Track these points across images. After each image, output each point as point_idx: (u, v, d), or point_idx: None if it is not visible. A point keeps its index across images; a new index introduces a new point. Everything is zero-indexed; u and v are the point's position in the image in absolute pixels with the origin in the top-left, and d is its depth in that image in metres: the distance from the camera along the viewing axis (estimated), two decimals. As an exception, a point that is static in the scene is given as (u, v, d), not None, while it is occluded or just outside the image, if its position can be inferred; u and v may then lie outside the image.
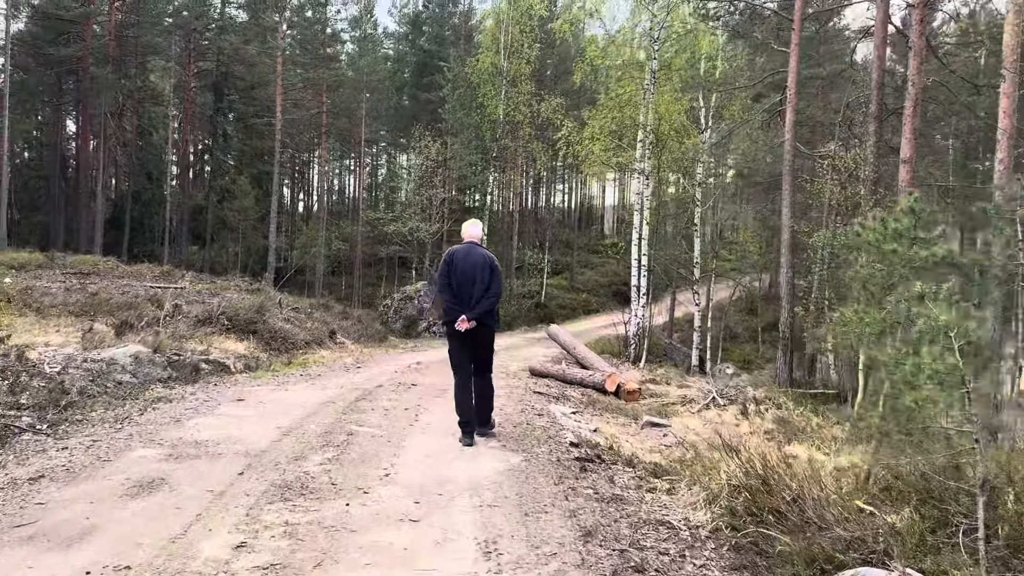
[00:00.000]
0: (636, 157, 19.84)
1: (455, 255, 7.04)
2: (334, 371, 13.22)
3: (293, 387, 10.28)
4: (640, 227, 19.76)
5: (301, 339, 17.53)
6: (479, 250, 7.13)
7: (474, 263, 6.93)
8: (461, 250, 7.10)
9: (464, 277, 6.88)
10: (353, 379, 11.66)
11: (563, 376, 12.72)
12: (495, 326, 7.24)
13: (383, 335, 23.03)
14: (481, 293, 6.85)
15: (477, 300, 6.83)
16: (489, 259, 7.07)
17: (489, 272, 6.91)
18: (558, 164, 45.63)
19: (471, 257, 6.99)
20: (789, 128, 13.51)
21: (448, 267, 6.99)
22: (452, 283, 6.93)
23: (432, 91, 39.92)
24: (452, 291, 6.92)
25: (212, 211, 40.48)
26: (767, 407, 11.63)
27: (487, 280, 6.89)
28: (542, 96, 32.76)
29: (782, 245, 13.48)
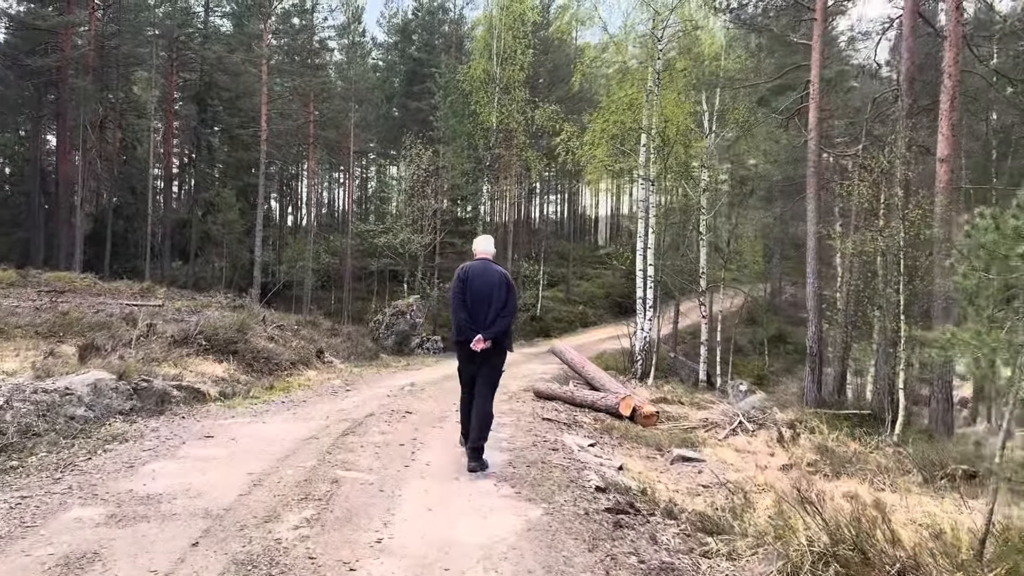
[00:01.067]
0: (640, 162, 18.81)
1: (469, 272, 6.77)
2: (320, 396, 12.06)
3: (272, 418, 9.12)
4: (645, 236, 18.70)
5: (286, 359, 16.39)
6: (494, 267, 6.86)
7: (490, 281, 6.69)
8: (475, 267, 6.82)
9: (479, 295, 6.65)
10: (341, 406, 10.50)
11: (572, 399, 11.60)
12: (508, 346, 6.92)
13: (374, 352, 21.88)
14: (497, 312, 6.61)
15: (493, 319, 6.59)
16: (504, 276, 6.80)
17: (505, 290, 6.68)
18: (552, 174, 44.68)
19: (486, 274, 6.73)
20: (813, 127, 12.47)
21: (462, 284, 6.72)
22: (467, 301, 6.67)
23: (423, 99, 38.89)
24: (467, 309, 6.65)
25: (196, 225, 39.25)
26: (799, 431, 10.53)
27: (503, 298, 6.65)
28: (536, 103, 31.75)
29: (807, 253, 12.45)
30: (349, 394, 12.53)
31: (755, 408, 11.34)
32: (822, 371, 12.45)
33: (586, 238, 59.77)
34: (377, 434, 8.03)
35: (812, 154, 12.47)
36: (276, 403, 10.71)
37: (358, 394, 12.50)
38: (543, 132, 34.92)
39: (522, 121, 31.06)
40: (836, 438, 10.44)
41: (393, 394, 12.40)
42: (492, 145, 31.04)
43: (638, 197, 18.94)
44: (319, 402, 11.10)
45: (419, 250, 27.60)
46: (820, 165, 12.43)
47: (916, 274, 10.85)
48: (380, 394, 12.48)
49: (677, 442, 9.38)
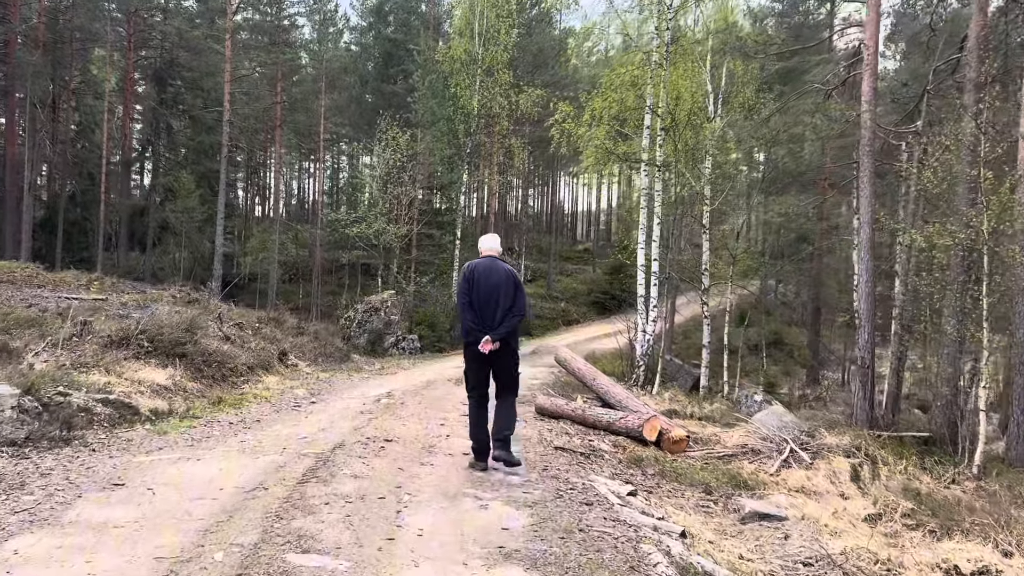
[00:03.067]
0: (643, 146, 16.91)
1: (476, 270, 6.51)
2: (279, 412, 10.01)
3: (212, 450, 7.06)
4: (648, 227, 16.83)
5: (243, 363, 14.29)
6: (501, 265, 6.61)
7: (497, 279, 6.46)
8: (482, 265, 6.55)
9: (487, 295, 6.40)
10: (303, 429, 8.46)
11: (583, 418, 9.67)
12: (515, 344, 6.64)
13: (344, 353, 19.77)
14: (505, 312, 6.39)
15: (501, 319, 6.37)
16: (512, 274, 6.58)
17: (514, 288, 6.47)
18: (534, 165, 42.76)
19: (494, 273, 6.49)
20: (868, 99, 10.66)
21: (468, 284, 6.49)
22: (473, 301, 6.42)
23: (399, 82, 36.70)
24: (474, 310, 6.41)
25: (154, 212, 36.76)
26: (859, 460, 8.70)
27: (512, 296, 6.43)
28: (521, 87, 29.78)
29: (861, 247, 10.64)
30: (314, 409, 10.49)
31: (804, 431, 9.51)
32: (874, 386, 10.69)
33: (565, 233, 57.97)
34: (348, 478, 6.01)
35: (866, 131, 10.67)
36: (222, 424, 8.64)
37: (325, 409, 10.46)
38: (527, 119, 33.01)
39: (506, 105, 29.03)
40: (905, 469, 8.63)
41: (367, 409, 10.38)
42: (473, 131, 28.97)
43: (641, 185, 17.08)
44: (276, 422, 9.04)
45: (394, 242, 25.48)
46: (876, 145, 10.66)
47: (997, 271, 9.15)
48: (351, 409, 10.46)
49: (726, 481, 7.50)
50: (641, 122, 17.43)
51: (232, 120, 31.77)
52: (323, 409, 10.52)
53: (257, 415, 9.56)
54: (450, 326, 26.27)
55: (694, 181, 19.01)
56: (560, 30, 40.29)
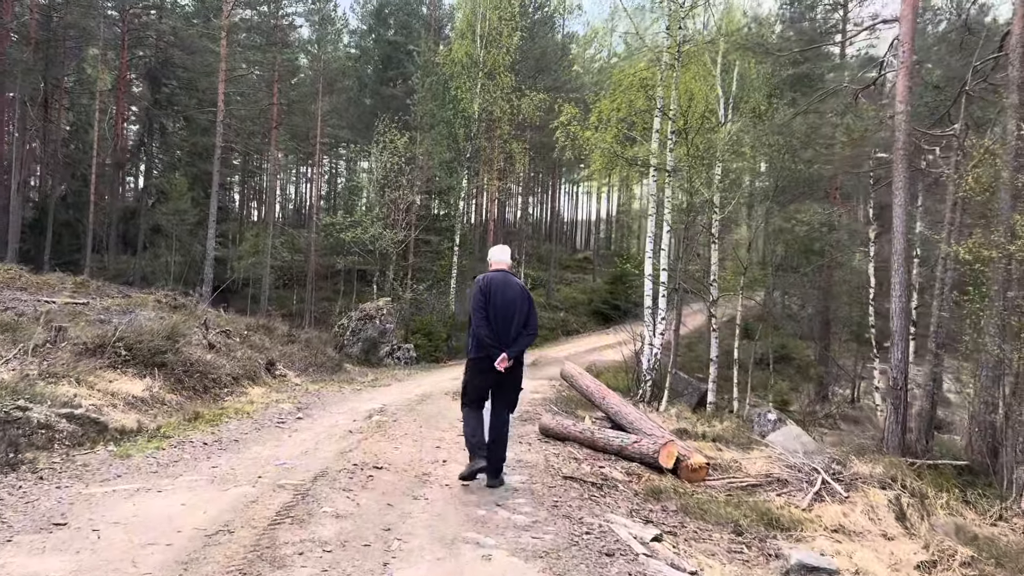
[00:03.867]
0: (652, 150, 16.13)
1: (492, 285, 6.32)
2: (260, 430, 9.18)
3: (177, 479, 6.23)
4: (657, 235, 16.05)
5: (227, 373, 13.51)
6: (514, 280, 6.50)
7: (512, 295, 6.32)
8: (497, 279, 6.38)
9: (503, 311, 6.24)
10: (283, 452, 7.64)
11: (591, 441, 8.85)
12: (524, 362, 6.57)
13: (336, 363, 18.92)
14: (520, 329, 6.28)
15: (516, 336, 6.26)
16: (525, 291, 6.48)
17: (527, 305, 6.37)
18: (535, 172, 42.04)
19: (510, 288, 6.36)
20: (903, 98, 9.87)
21: (485, 297, 6.26)
22: (490, 316, 6.22)
23: (398, 85, 35.96)
24: (490, 325, 6.20)
25: (145, 215, 35.90)
26: (896, 492, 7.90)
27: (526, 313, 6.33)
28: (523, 91, 29.06)
29: (894, 257, 9.86)
30: (299, 426, 9.66)
31: (833, 458, 8.70)
32: (907, 409, 9.89)
33: (565, 241, 57.25)
34: (329, 518, 5.18)
35: (901, 133, 9.88)
36: (195, 445, 7.81)
37: (311, 427, 9.64)
38: (529, 124, 32.28)
39: (507, 109, 28.31)
40: (947, 503, 7.83)
41: (356, 428, 9.55)
42: (474, 135, 28.21)
43: (649, 191, 16.30)
44: (255, 442, 8.22)
45: (391, 247, 24.67)
46: (909, 147, 9.90)
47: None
48: (339, 427, 9.64)
49: (757, 518, 6.69)
50: (650, 125, 16.67)
51: (227, 121, 31.03)
52: (309, 427, 9.70)
53: (235, 434, 8.72)
54: (447, 335, 25.45)
55: (704, 189, 18.25)
56: (563, 35, 39.66)
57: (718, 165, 18.69)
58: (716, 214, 18.93)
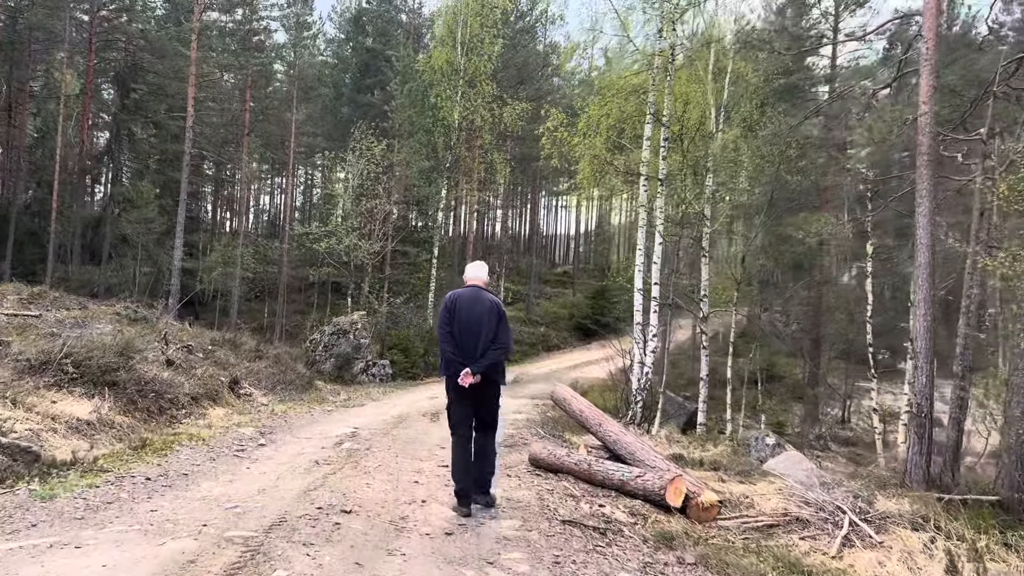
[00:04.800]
0: (644, 158, 15.32)
1: (458, 300, 6.28)
2: (215, 460, 8.14)
3: (105, 529, 5.21)
4: (648, 248, 15.23)
5: (185, 393, 12.46)
6: (486, 295, 6.34)
7: (480, 311, 6.18)
8: (465, 295, 6.31)
9: (468, 326, 6.13)
10: (238, 490, 6.63)
11: (588, 475, 7.91)
12: (501, 381, 6.39)
13: (307, 381, 17.82)
14: (487, 344, 6.10)
15: (483, 352, 6.09)
16: (496, 305, 6.27)
17: (496, 320, 6.17)
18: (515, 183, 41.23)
19: (477, 303, 6.24)
20: (926, 99, 9.08)
21: (449, 314, 6.22)
22: (454, 332, 6.14)
23: (376, 93, 34.99)
24: (454, 341, 6.13)
25: (111, 223, 34.54)
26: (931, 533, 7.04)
27: (494, 328, 6.15)
28: (505, 100, 28.26)
29: (917, 272, 9.07)
30: (260, 455, 8.64)
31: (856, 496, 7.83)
32: (932, 438, 9.07)
33: (545, 255, 56.50)
34: (283, 587, 4.21)
35: (925, 137, 9.09)
36: (136, 481, 6.77)
37: (274, 455, 8.62)
38: (510, 134, 31.49)
39: (488, 118, 27.47)
40: (987, 547, 6.98)
41: (324, 458, 8.55)
42: (454, 144, 27.32)
43: (641, 201, 15.49)
44: (207, 476, 7.20)
45: (367, 259, 23.63)
46: (934, 152, 9.12)
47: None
48: (305, 456, 8.63)
49: (784, 569, 5.78)
50: (641, 132, 15.88)
51: (197, 128, 29.91)
52: (271, 455, 8.67)
53: (186, 465, 7.69)
54: (424, 351, 24.45)
55: (694, 201, 17.48)
56: (545, 44, 38.97)
57: (709, 176, 17.97)
58: (707, 226, 18.18)
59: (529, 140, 33.61)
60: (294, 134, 36.28)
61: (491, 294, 6.43)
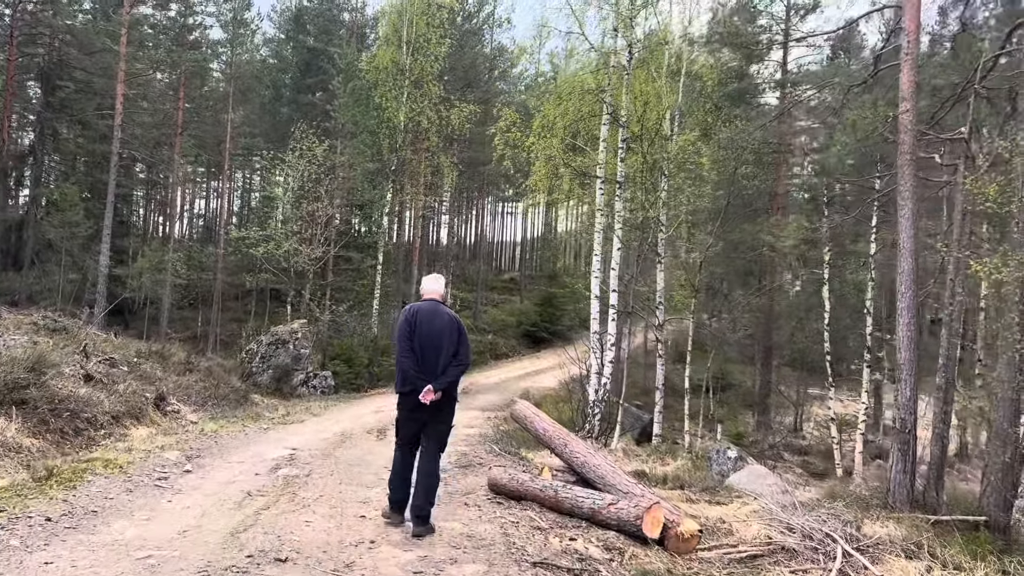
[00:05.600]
0: (600, 160, 14.70)
1: (418, 315, 6.05)
2: (132, 492, 7.15)
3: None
4: (605, 253, 14.61)
5: (104, 411, 11.36)
6: (444, 310, 6.17)
7: (441, 325, 6.01)
8: (425, 309, 6.10)
9: (429, 341, 5.95)
10: (153, 532, 5.68)
11: (556, 503, 7.16)
12: (457, 396, 6.27)
13: (242, 395, 16.68)
14: (449, 360, 5.95)
15: (444, 368, 5.93)
16: (456, 321, 6.12)
17: (457, 335, 6.03)
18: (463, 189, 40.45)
19: (437, 318, 6.05)
20: (907, 94, 8.63)
21: (410, 327, 5.98)
22: (415, 347, 5.93)
23: (318, 93, 33.81)
24: (415, 357, 5.92)
25: (33, 227, 32.57)
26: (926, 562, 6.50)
27: (455, 344, 5.99)
28: (452, 101, 27.47)
29: (900, 278, 8.59)
30: (185, 484, 7.66)
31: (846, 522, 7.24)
32: (915, 455, 8.59)
33: (491, 262, 55.82)
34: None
35: (907, 136, 8.65)
36: (32, 523, 5.76)
37: (200, 485, 7.66)
38: (458, 137, 30.70)
39: (435, 120, 26.62)
40: None
41: (257, 488, 7.62)
42: (399, 146, 26.40)
43: (598, 204, 14.87)
44: (120, 514, 6.23)
45: (307, 265, 22.53)
46: (915, 152, 8.66)
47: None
48: (236, 485, 7.69)
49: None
50: (597, 134, 15.27)
51: (126, 126, 28.34)
52: (198, 484, 7.71)
53: (97, 500, 6.69)
54: (369, 361, 23.45)
55: (650, 206, 16.96)
56: (492, 47, 38.31)
57: (664, 180, 17.49)
58: (662, 232, 17.69)
59: (477, 144, 32.89)
60: (231, 135, 34.83)
61: (449, 309, 6.29)
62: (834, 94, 13.66)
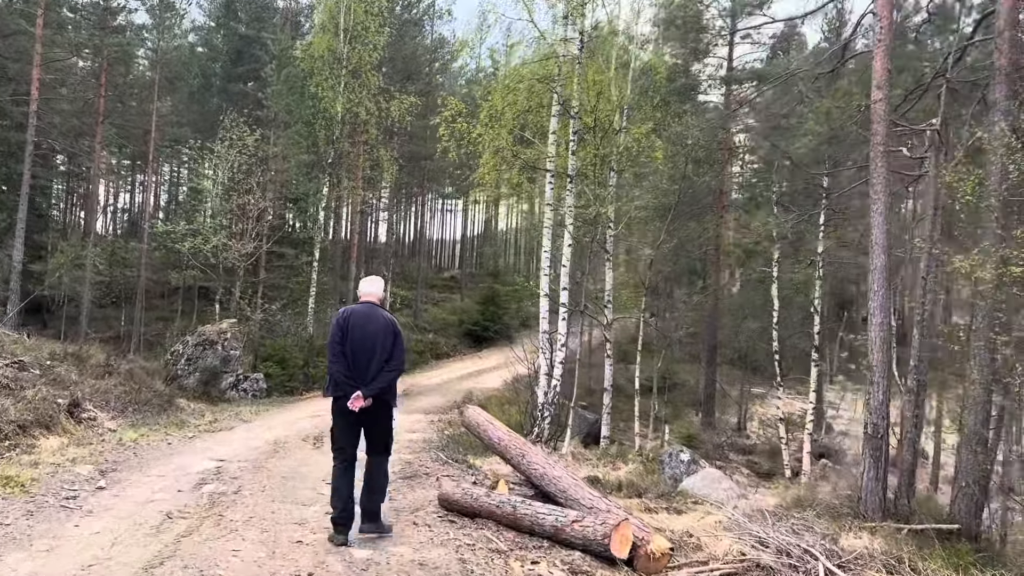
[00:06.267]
0: (550, 153, 14.13)
1: (351, 317, 5.85)
2: (33, 515, 6.27)
3: None
4: (554, 251, 14.05)
5: (9, 420, 10.30)
6: (381, 313, 5.94)
7: (375, 329, 5.79)
8: (358, 312, 5.91)
9: (361, 345, 5.76)
10: (54, 565, 4.86)
11: (514, 520, 6.53)
12: (394, 402, 6.03)
13: (166, 400, 15.55)
14: (381, 365, 5.73)
15: (376, 373, 5.70)
16: (392, 323, 5.91)
17: (392, 339, 5.82)
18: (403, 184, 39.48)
19: (371, 321, 5.83)
20: (880, 82, 8.23)
21: (341, 332, 5.78)
22: (346, 351, 5.74)
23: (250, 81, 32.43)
24: (346, 361, 5.73)
25: (-61, 221, 30.35)
26: None
27: (389, 349, 5.79)
28: (392, 92, 26.59)
29: (872, 275, 8.20)
30: (98, 502, 6.79)
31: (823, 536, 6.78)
32: (887, 461, 8.25)
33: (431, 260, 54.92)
34: None
35: (880, 126, 8.28)
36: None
37: (114, 505, 6.79)
38: (398, 130, 29.83)
39: (374, 111, 25.70)
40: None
41: (180, 507, 6.79)
42: (336, 138, 25.41)
43: (548, 199, 14.28)
44: (17, 544, 5.37)
45: (238, 261, 21.37)
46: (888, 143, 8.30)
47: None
48: (155, 506, 6.84)
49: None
50: (547, 126, 14.69)
51: (43, 114, 26.60)
52: (111, 504, 6.84)
53: (-14, 530, 5.77)
54: (304, 362, 22.43)
55: (598, 202, 16.48)
56: (433, 39, 37.45)
57: (614, 176, 17.04)
58: (611, 228, 17.24)
59: (418, 138, 32.02)
60: (156, 125, 33.14)
61: (386, 311, 6.05)
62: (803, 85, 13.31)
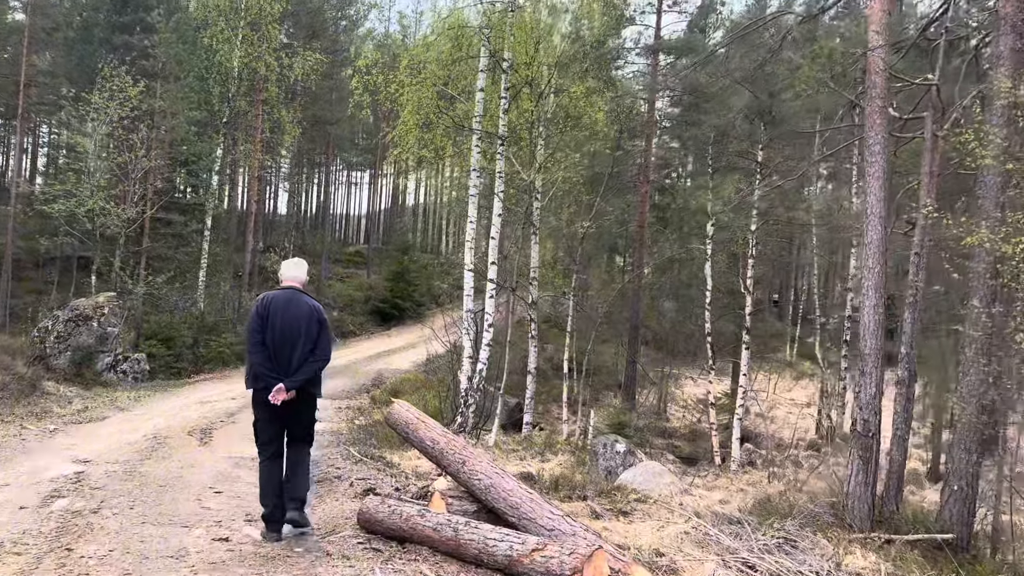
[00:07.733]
0: (476, 113, 12.71)
1: (271, 304, 5.41)
2: None
3: None
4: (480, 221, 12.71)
5: None
6: (304, 299, 5.53)
7: (297, 316, 5.39)
8: (280, 298, 5.46)
9: (283, 334, 5.35)
10: None
11: (456, 547, 5.20)
12: (318, 393, 5.62)
13: (30, 383, 13.39)
14: (306, 355, 5.36)
15: (299, 364, 5.33)
16: (317, 311, 5.52)
17: (317, 328, 5.45)
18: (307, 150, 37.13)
19: (293, 308, 5.42)
20: (878, 27, 7.20)
21: (261, 320, 5.36)
22: (266, 340, 5.33)
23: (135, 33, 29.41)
24: (266, 351, 5.32)
25: None
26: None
27: (314, 338, 5.42)
28: (295, 48, 24.50)
29: (866, 251, 7.20)
30: None
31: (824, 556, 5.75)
32: (878, 462, 7.35)
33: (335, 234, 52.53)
34: None
35: (878, 77, 7.26)
36: None
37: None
38: (302, 91, 27.74)
39: (275, 68, 23.57)
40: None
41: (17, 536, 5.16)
42: (232, 95, 23.18)
43: (472, 164, 12.86)
44: None
45: (118, 227, 19.02)
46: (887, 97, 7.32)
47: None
48: (-19, 536, 5.16)
49: None
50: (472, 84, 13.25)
51: None
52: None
53: None
54: (194, 340, 20.33)
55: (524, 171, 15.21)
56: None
57: (541, 142, 15.80)
58: (537, 200, 16.01)
59: (323, 101, 29.83)
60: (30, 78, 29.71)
61: (310, 297, 5.61)
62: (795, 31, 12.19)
